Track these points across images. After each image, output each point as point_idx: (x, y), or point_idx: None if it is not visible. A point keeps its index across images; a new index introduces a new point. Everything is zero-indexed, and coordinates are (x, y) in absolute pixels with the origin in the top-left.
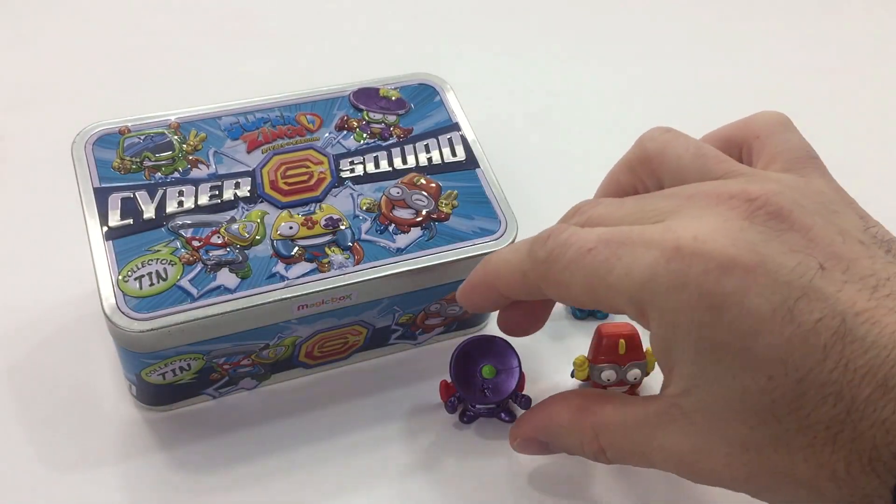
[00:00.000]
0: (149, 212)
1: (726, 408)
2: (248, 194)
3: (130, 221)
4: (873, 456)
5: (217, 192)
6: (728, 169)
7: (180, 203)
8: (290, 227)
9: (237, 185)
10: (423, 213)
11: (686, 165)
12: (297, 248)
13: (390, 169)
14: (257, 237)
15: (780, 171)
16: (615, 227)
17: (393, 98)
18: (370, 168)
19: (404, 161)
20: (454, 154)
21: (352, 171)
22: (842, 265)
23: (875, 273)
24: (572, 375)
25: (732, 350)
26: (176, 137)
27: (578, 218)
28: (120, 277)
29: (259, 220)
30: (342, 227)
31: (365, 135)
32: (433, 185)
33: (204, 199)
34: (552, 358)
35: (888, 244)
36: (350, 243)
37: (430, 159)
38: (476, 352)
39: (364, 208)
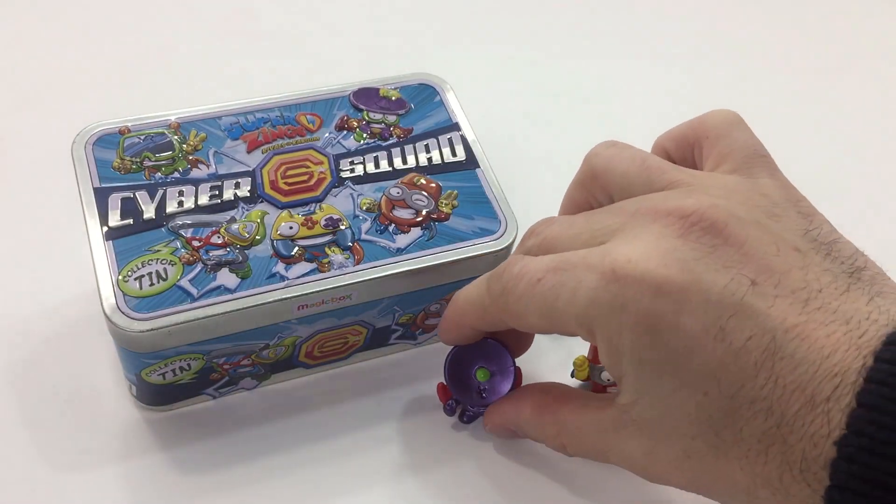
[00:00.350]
0: (149, 212)
1: (668, 419)
2: (248, 194)
3: (130, 221)
4: (803, 467)
5: (217, 192)
6: (671, 179)
7: (180, 203)
8: (290, 227)
9: (237, 185)
10: (423, 213)
11: (632, 179)
12: (297, 248)
13: (390, 169)
14: (257, 237)
15: (728, 171)
16: (561, 253)
17: (393, 98)
18: (370, 168)
19: (404, 161)
20: (454, 154)
21: (352, 171)
22: (773, 279)
23: (807, 285)
24: (572, 375)
25: (670, 368)
26: (176, 137)
27: (534, 240)
28: (120, 277)
29: (259, 220)
30: (342, 227)
31: (365, 135)
32: (433, 185)
33: (204, 199)
34: (552, 358)
35: (829, 246)
36: (350, 243)
37: (430, 159)
38: (469, 355)
39: (364, 208)
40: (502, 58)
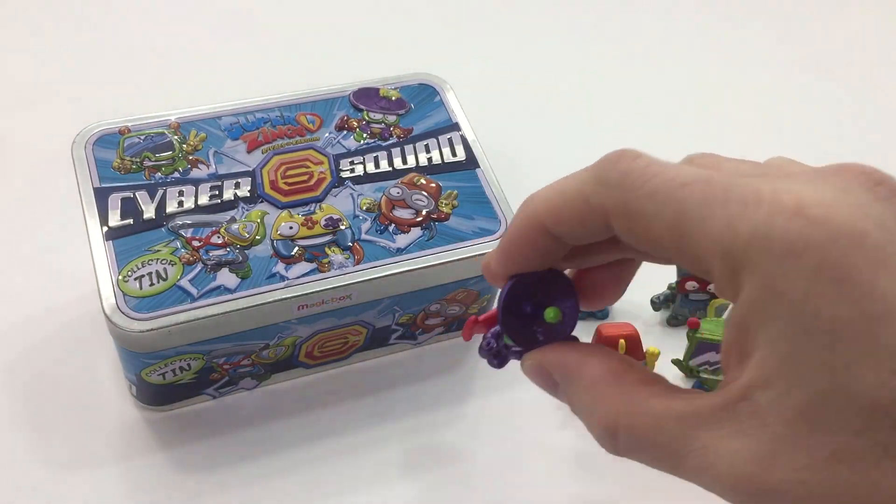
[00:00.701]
0: (149, 212)
1: (825, 406)
2: (248, 194)
3: (130, 221)
4: None
5: (217, 192)
6: (796, 171)
7: (180, 203)
8: (290, 227)
9: (237, 185)
10: (423, 213)
11: (746, 173)
12: (297, 248)
13: (390, 169)
14: (257, 237)
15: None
16: (715, 172)
17: (393, 98)
18: (370, 168)
19: (404, 161)
20: (454, 154)
21: (352, 171)
22: None
23: None
24: None
25: (853, 332)
26: (176, 137)
27: None
28: (120, 277)
29: (259, 220)
30: (342, 227)
31: (365, 135)
32: (433, 185)
33: (204, 199)
34: None
35: None
36: (350, 243)
37: (430, 159)
38: (531, 288)
39: (364, 208)
40: (502, 58)
